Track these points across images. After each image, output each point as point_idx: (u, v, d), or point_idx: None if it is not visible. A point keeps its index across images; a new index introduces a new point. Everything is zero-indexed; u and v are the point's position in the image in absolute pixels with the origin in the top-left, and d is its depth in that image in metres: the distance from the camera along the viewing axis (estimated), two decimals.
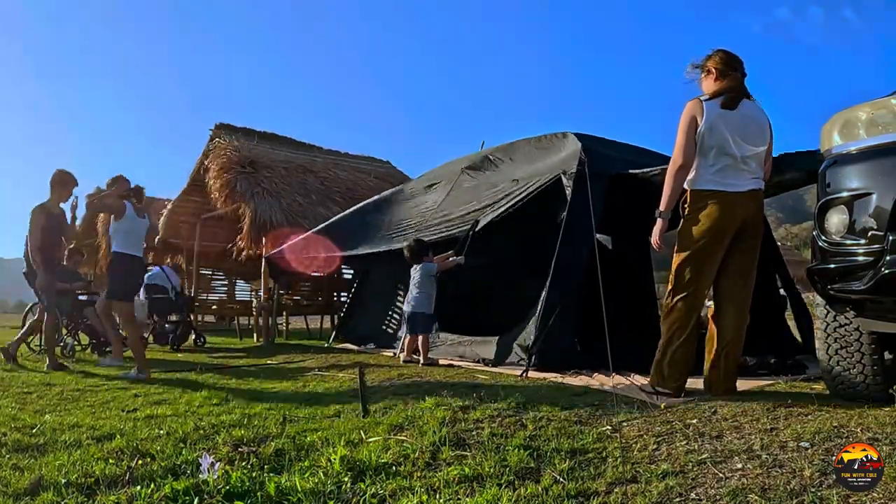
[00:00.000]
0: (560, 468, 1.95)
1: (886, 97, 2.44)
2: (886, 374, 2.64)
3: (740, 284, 3.00)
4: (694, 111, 2.94)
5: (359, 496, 1.80)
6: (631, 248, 5.16)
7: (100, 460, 2.18)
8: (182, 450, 2.30)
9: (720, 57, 3.05)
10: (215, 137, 10.21)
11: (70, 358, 6.14)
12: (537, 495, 1.75)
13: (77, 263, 7.55)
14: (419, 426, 2.50)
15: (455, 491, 1.82)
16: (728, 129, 2.90)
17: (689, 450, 2.06)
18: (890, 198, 2.25)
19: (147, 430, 2.64)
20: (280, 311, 9.23)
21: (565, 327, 4.07)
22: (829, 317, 2.74)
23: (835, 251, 2.44)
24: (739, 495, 1.66)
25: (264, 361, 5.72)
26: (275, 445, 2.31)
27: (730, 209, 2.91)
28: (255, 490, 1.82)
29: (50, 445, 2.45)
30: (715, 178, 2.93)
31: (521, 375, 3.79)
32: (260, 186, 9.29)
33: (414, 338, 4.98)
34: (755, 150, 2.96)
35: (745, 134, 2.93)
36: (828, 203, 2.49)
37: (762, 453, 1.96)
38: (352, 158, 12.29)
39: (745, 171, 2.95)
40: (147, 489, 1.83)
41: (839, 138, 2.53)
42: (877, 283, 2.27)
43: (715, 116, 2.90)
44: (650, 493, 1.72)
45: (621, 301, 4.07)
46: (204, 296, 12.79)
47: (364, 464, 2.04)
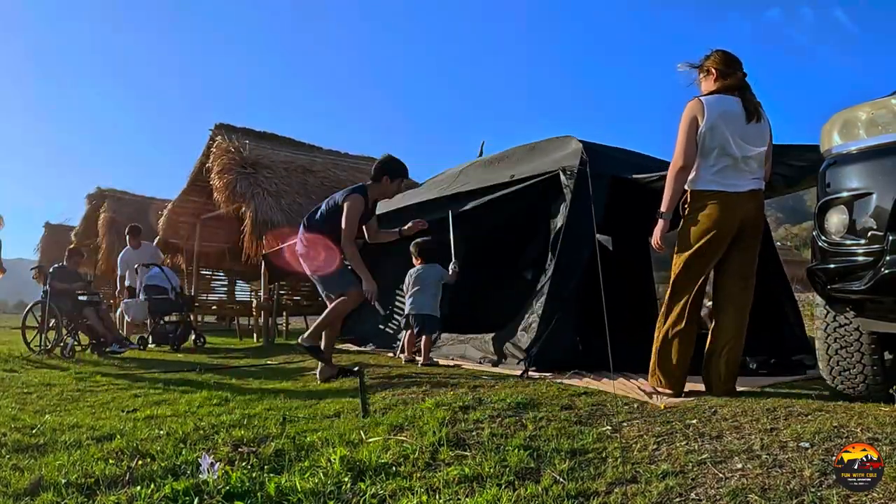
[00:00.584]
0: (560, 468, 1.95)
1: (886, 97, 2.44)
2: (886, 374, 2.64)
3: (741, 285, 3.00)
4: (695, 111, 2.93)
5: (359, 496, 1.80)
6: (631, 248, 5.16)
7: (100, 460, 2.18)
8: (182, 450, 2.30)
9: (720, 57, 3.04)
10: (215, 137, 10.20)
11: (70, 358, 6.14)
12: (537, 495, 1.75)
13: (77, 264, 7.55)
14: (419, 426, 2.50)
15: (455, 491, 1.82)
16: (729, 129, 2.90)
17: (689, 450, 2.06)
18: (890, 198, 2.25)
19: (147, 431, 2.64)
20: (280, 311, 9.23)
21: (565, 327, 4.07)
22: (829, 317, 2.74)
23: (835, 251, 2.44)
24: (739, 495, 1.66)
25: (264, 362, 5.72)
26: (275, 445, 2.31)
27: (730, 209, 2.90)
28: (255, 490, 1.82)
29: (50, 446, 2.45)
30: (715, 179, 2.92)
31: (521, 375, 3.79)
32: (260, 187, 9.29)
33: (414, 337, 4.98)
34: (755, 150, 2.96)
35: (746, 134, 2.93)
36: (828, 203, 2.49)
37: (762, 453, 1.96)
38: (352, 158, 12.29)
39: (746, 172, 2.95)
40: (147, 489, 1.83)
41: (839, 138, 2.53)
42: (877, 283, 2.27)
43: (716, 116, 2.89)
44: (650, 494, 1.72)
45: (621, 301, 4.06)
46: (204, 296, 12.79)
47: (364, 464, 2.04)
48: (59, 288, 6.74)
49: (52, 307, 6.64)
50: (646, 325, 4.33)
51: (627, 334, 3.81)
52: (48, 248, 19.72)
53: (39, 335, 6.62)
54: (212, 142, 10.18)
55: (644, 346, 3.33)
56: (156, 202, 14.93)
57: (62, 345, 6.41)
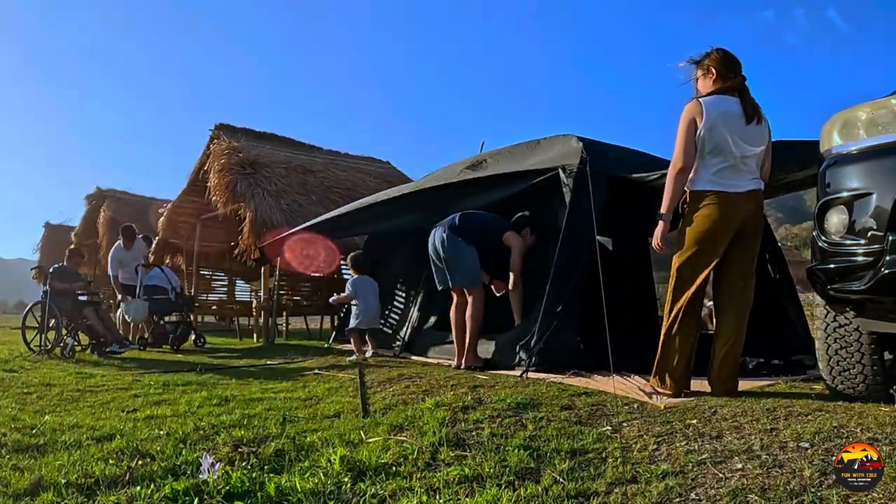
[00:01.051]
0: (560, 468, 1.95)
1: (886, 97, 2.44)
2: (886, 374, 2.64)
3: (740, 285, 3.00)
4: (693, 113, 2.93)
5: (359, 496, 1.80)
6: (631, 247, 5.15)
7: (100, 461, 2.18)
8: (182, 450, 2.30)
9: (721, 57, 3.02)
10: (215, 138, 10.20)
11: (70, 358, 6.14)
12: (537, 495, 1.75)
13: (77, 264, 7.55)
14: (419, 426, 2.50)
15: (455, 491, 1.82)
16: (728, 129, 2.90)
17: (689, 450, 2.06)
18: (890, 198, 2.25)
19: (147, 431, 2.65)
20: (280, 311, 9.22)
21: (566, 327, 4.06)
22: (829, 317, 2.74)
23: (834, 251, 2.44)
24: (739, 495, 1.66)
25: (264, 362, 5.72)
26: (275, 446, 2.31)
27: (729, 210, 2.90)
28: (255, 490, 1.82)
29: (50, 446, 2.45)
30: (714, 179, 2.92)
31: (521, 375, 3.79)
32: (260, 187, 9.29)
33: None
34: (754, 150, 2.96)
35: (745, 134, 2.93)
36: (828, 203, 2.49)
37: (762, 453, 1.96)
38: (352, 158, 12.29)
39: (745, 172, 2.95)
40: (147, 489, 1.83)
41: (839, 138, 2.53)
42: (876, 283, 2.27)
43: (715, 117, 2.89)
44: (650, 494, 1.72)
45: (621, 301, 4.05)
46: (204, 296, 12.79)
47: (364, 464, 2.04)
48: (59, 288, 6.74)
49: (52, 307, 6.64)
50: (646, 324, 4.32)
51: (628, 334, 3.80)
52: (48, 248, 19.72)
53: (39, 335, 6.62)
54: (212, 142, 10.18)
55: (644, 346, 3.33)
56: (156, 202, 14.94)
57: (62, 345, 6.41)
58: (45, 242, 20.28)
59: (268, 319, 8.49)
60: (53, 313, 6.65)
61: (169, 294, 7.59)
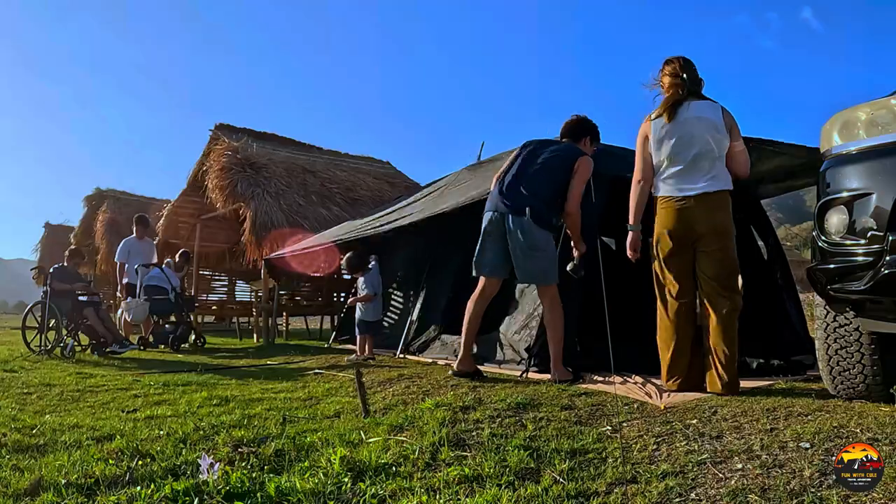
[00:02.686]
0: (560, 468, 1.95)
1: (886, 97, 2.44)
2: (886, 374, 2.64)
3: (718, 289, 3.02)
4: (645, 131, 3.19)
5: (359, 496, 1.80)
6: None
7: (100, 461, 2.18)
8: (182, 450, 2.30)
9: (665, 69, 3.19)
10: (215, 138, 10.21)
11: (70, 358, 6.14)
12: (537, 496, 1.75)
13: (77, 265, 7.55)
14: (419, 426, 2.51)
15: (455, 491, 1.82)
16: (674, 139, 3.05)
17: (689, 450, 2.06)
18: (890, 198, 2.25)
19: (147, 431, 2.65)
20: (280, 311, 9.22)
21: (566, 328, 4.06)
22: (829, 317, 2.74)
23: (834, 251, 2.44)
24: (739, 495, 1.66)
25: (264, 362, 5.72)
26: (275, 446, 2.31)
27: (677, 213, 3.04)
28: (255, 490, 1.82)
29: (50, 446, 2.45)
30: (666, 185, 3.11)
31: (521, 375, 3.79)
32: (260, 187, 9.30)
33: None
34: (705, 149, 3.03)
35: (693, 137, 3.03)
36: (827, 203, 2.48)
37: (762, 453, 1.96)
38: (352, 159, 12.30)
39: (697, 174, 3.04)
40: (147, 489, 1.83)
41: (839, 138, 2.53)
42: (876, 283, 2.26)
43: (661, 132, 3.10)
44: (650, 494, 1.72)
45: (622, 301, 4.06)
46: (204, 296, 12.80)
47: (364, 464, 2.04)
48: (59, 288, 6.75)
49: (53, 307, 6.64)
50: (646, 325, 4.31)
51: (628, 335, 3.80)
52: (48, 248, 19.74)
53: (39, 335, 6.62)
54: (212, 142, 10.19)
55: (644, 347, 3.33)
56: (156, 202, 14.94)
57: (62, 345, 6.41)
58: (45, 243, 20.31)
59: (268, 319, 8.49)
60: (54, 313, 6.65)
61: (169, 294, 7.59)
